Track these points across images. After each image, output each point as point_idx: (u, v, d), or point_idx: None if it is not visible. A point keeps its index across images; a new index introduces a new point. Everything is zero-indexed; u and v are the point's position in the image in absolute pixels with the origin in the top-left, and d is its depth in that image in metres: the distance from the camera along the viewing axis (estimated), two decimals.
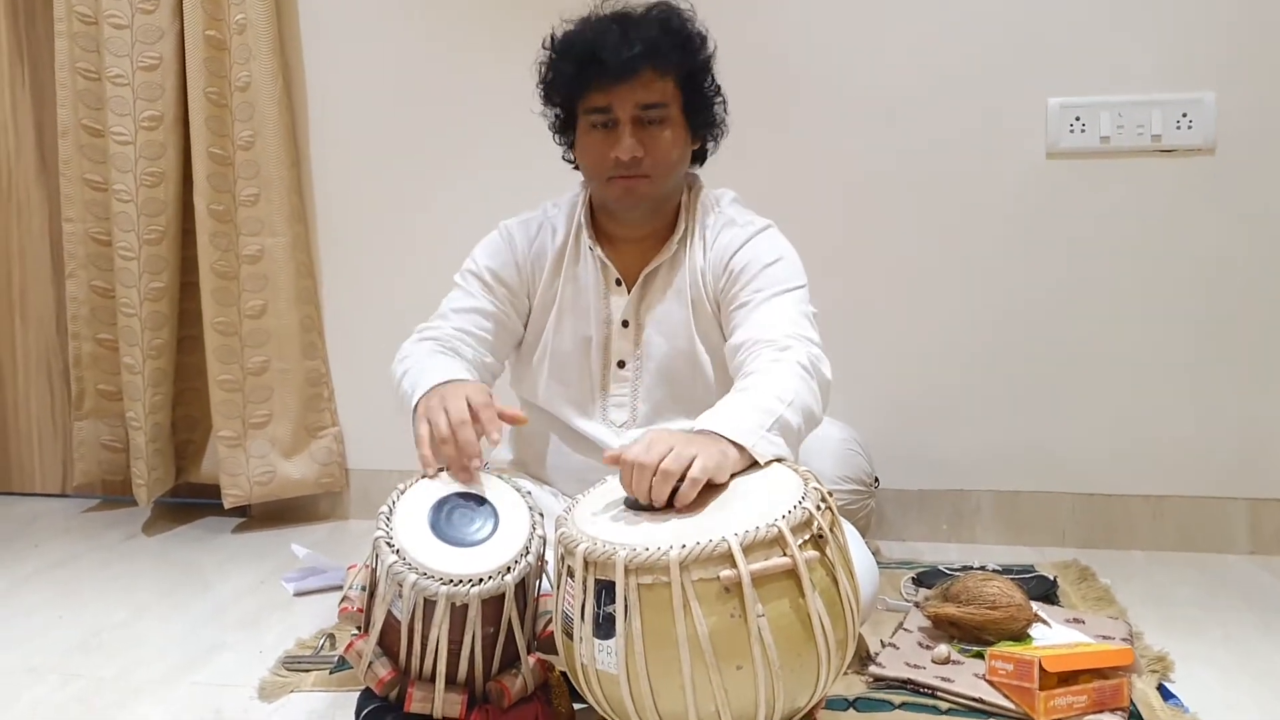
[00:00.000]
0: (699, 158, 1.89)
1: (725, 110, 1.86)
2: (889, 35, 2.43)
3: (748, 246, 1.80)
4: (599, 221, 1.88)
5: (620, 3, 1.80)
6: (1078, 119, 2.37)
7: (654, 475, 1.35)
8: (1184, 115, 2.33)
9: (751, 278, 1.76)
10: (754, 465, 1.44)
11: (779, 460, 1.47)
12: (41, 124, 2.93)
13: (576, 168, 1.91)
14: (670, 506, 1.36)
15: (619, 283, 1.85)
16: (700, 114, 1.81)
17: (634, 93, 1.71)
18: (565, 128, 1.85)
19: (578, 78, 1.73)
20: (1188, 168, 2.36)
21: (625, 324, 1.85)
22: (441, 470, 1.56)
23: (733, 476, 1.42)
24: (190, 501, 2.92)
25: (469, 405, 1.55)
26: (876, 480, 2.37)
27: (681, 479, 1.35)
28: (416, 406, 1.64)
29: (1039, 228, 2.42)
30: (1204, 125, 2.33)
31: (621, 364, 1.86)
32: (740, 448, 1.43)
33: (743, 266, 1.78)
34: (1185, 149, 2.35)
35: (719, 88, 1.84)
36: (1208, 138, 2.33)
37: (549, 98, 1.84)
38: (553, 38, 1.81)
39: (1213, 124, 2.33)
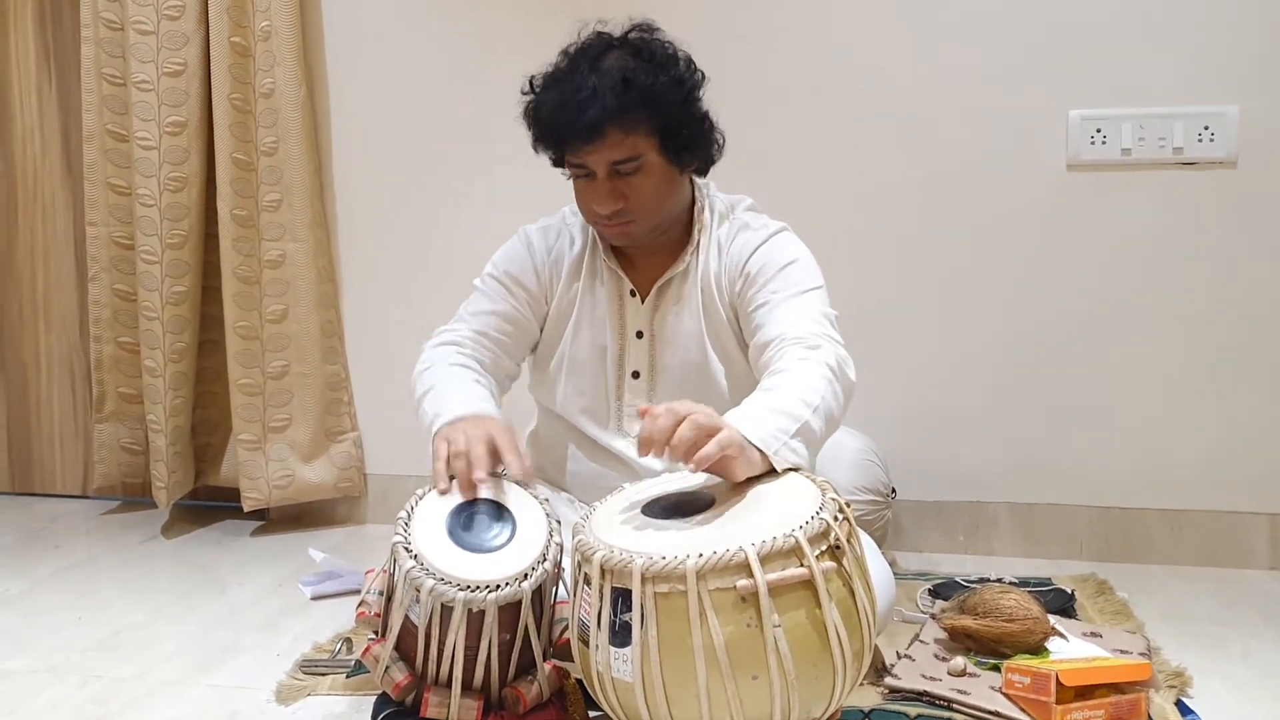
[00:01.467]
0: (702, 171, 1.87)
1: (716, 134, 1.81)
2: (911, 46, 2.43)
3: (764, 249, 1.80)
4: None
5: (584, 45, 1.76)
6: (1099, 131, 2.37)
7: (680, 422, 1.36)
8: (1206, 128, 2.32)
9: (770, 279, 1.76)
10: (771, 473, 1.44)
11: (796, 469, 1.47)
12: (67, 129, 2.95)
13: None
14: (688, 514, 1.36)
15: (633, 293, 1.86)
16: (682, 152, 1.76)
17: (603, 152, 1.69)
18: (558, 166, 1.84)
19: (552, 137, 1.74)
20: (1209, 180, 2.35)
21: (640, 334, 1.86)
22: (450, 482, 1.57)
23: (750, 482, 1.42)
24: (209, 504, 2.94)
25: (491, 444, 1.58)
26: (893, 491, 2.37)
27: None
28: (437, 431, 1.65)
29: (1059, 240, 2.41)
30: (1226, 138, 2.32)
31: (636, 374, 1.86)
32: (762, 452, 1.43)
33: (760, 268, 1.78)
34: (1207, 162, 2.34)
35: (705, 114, 1.79)
36: (1230, 151, 2.32)
37: (536, 147, 1.82)
38: (530, 88, 1.79)
39: (1235, 137, 2.32)
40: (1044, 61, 2.38)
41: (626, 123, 1.68)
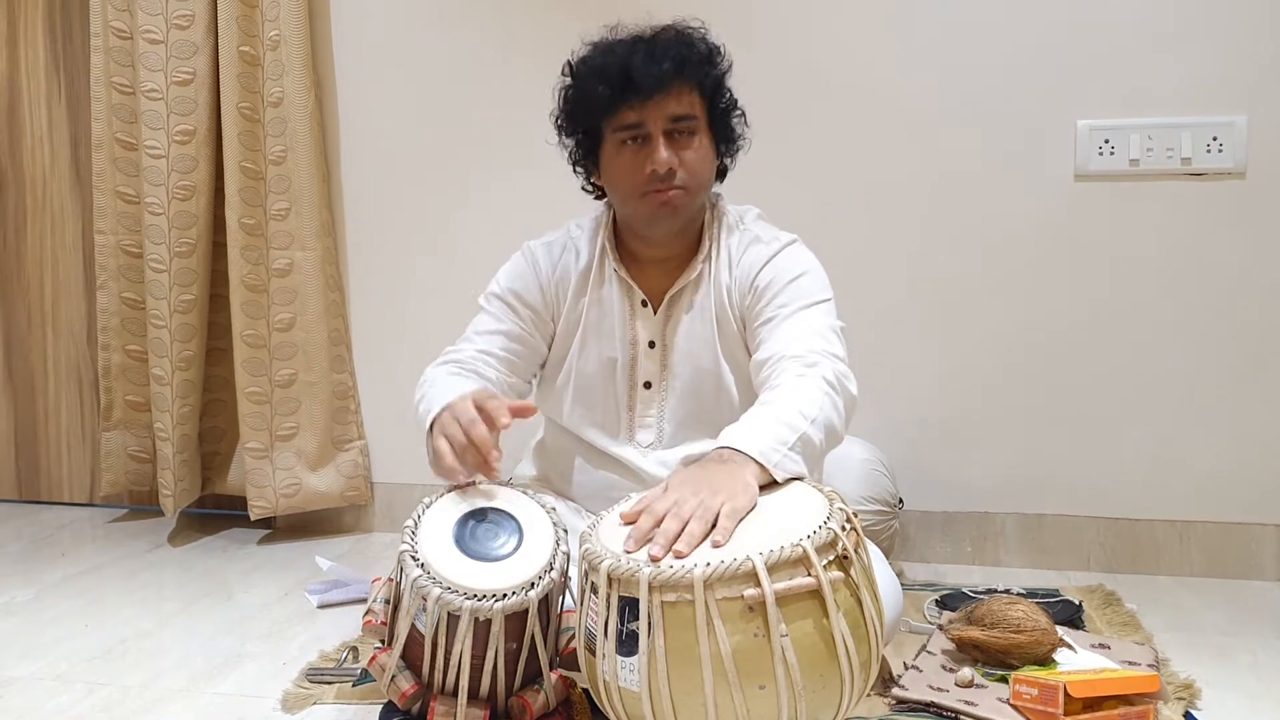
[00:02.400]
0: (719, 175, 1.89)
1: (745, 124, 1.87)
2: (919, 56, 2.43)
3: (773, 262, 1.80)
4: (623, 243, 1.88)
5: (631, 28, 1.81)
6: (1107, 141, 2.37)
7: (679, 534, 1.32)
8: (1214, 139, 2.32)
9: (777, 293, 1.76)
10: (778, 482, 1.44)
11: (800, 479, 1.47)
12: (76, 137, 2.96)
13: (598, 197, 1.91)
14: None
15: (644, 304, 1.86)
16: (724, 127, 1.83)
17: (665, 106, 1.73)
18: (588, 154, 1.84)
19: (610, 96, 1.73)
20: (1217, 191, 2.35)
21: (651, 345, 1.85)
22: (472, 483, 1.57)
23: (761, 492, 1.42)
24: (216, 512, 2.94)
25: (474, 405, 1.57)
26: (900, 501, 2.36)
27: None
28: (431, 428, 1.65)
29: (1067, 250, 2.41)
30: (1234, 149, 2.31)
31: (648, 385, 1.86)
32: (761, 466, 1.43)
33: (768, 282, 1.78)
34: (1215, 172, 2.34)
35: (737, 101, 1.85)
36: (1238, 161, 2.32)
37: (572, 123, 1.83)
38: (570, 65, 1.82)
39: (1243, 148, 2.32)
40: (1052, 71, 2.38)
41: (689, 78, 1.75)
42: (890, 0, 2.44)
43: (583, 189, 1.91)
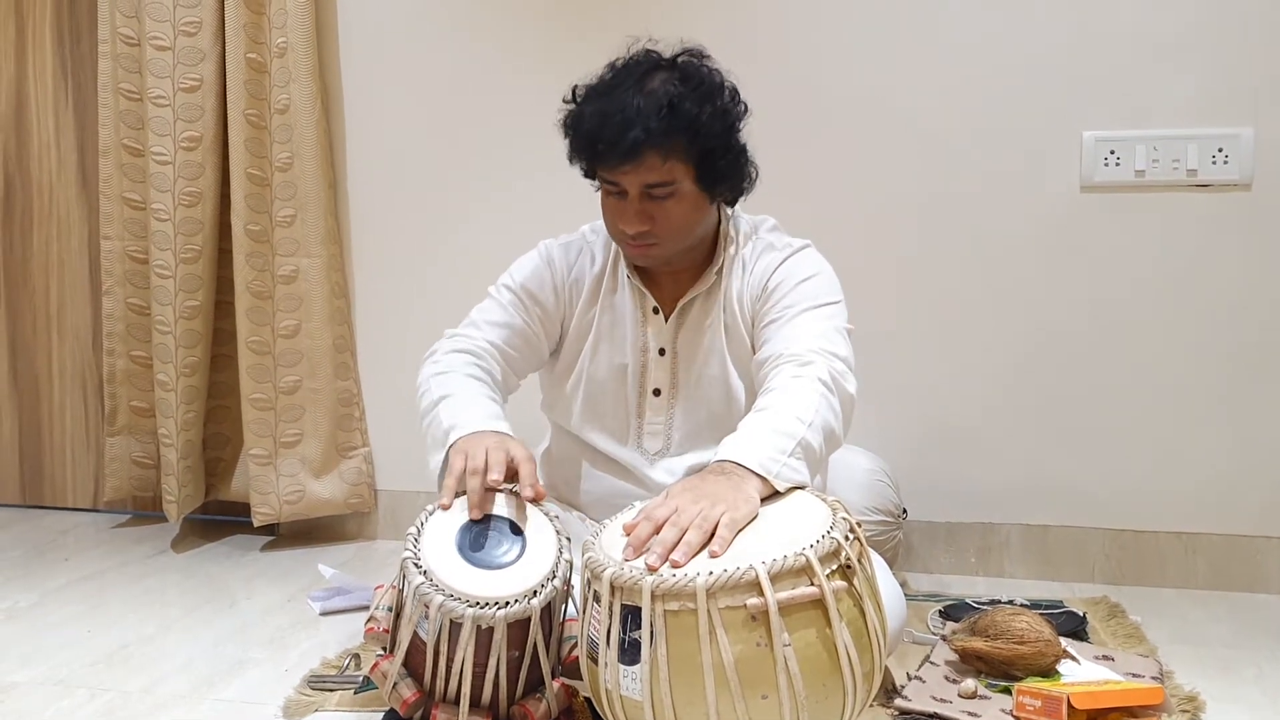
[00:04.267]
0: (731, 202, 1.85)
1: (751, 167, 1.80)
2: (925, 67, 2.43)
3: (784, 266, 1.80)
4: None
5: (628, 63, 1.75)
6: (1112, 152, 2.36)
7: (677, 543, 1.32)
8: (1220, 150, 2.32)
9: (785, 294, 1.76)
10: (781, 492, 1.44)
11: (803, 487, 1.46)
12: (83, 143, 2.97)
13: None
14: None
15: (656, 311, 1.86)
16: (717, 183, 1.74)
17: (638, 174, 1.68)
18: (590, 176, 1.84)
19: (587, 153, 1.72)
20: (1223, 203, 2.34)
21: (662, 352, 1.85)
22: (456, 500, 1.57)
23: (764, 502, 1.42)
24: (219, 519, 2.94)
25: (509, 460, 1.58)
26: (904, 511, 2.36)
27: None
28: (454, 443, 1.64)
29: (1072, 261, 2.41)
30: (1240, 161, 2.31)
31: (657, 392, 1.86)
32: (762, 477, 1.43)
33: (778, 285, 1.78)
34: (1221, 184, 2.34)
35: (743, 148, 1.77)
36: (1244, 173, 2.32)
37: (571, 158, 1.81)
38: (572, 97, 1.78)
39: (1250, 159, 2.31)
40: (1058, 83, 2.38)
41: (665, 148, 1.65)
42: (895, 14, 2.44)
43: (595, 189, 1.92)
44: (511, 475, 1.58)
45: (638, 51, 1.76)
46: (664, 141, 1.65)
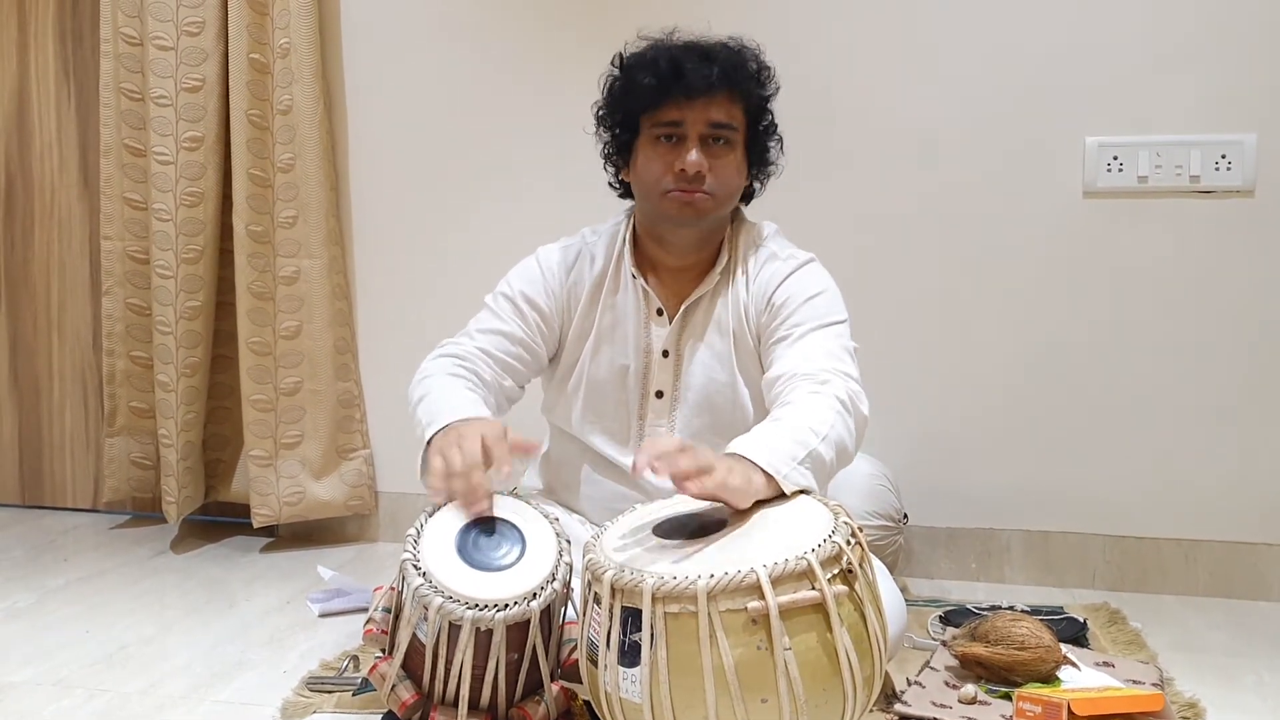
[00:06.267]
0: (746, 197, 1.90)
1: (781, 150, 1.89)
2: (928, 72, 2.43)
3: (790, 280, 1.80)
4: (642, 250, 1.88)
5: (688, 34, 1.83)
6: (1115, 158, 2.36)
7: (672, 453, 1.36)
8: (1223, 156, 2.32)
9: (792, 311, 1.76)
10: (783, 496, 1.43)
11: (807, 493, 1.46)
12: (85, 143, 2.97)
13: (622, 195, 1.92)
14: (700, 535, 1.36)
15: (660, 312, 1.85)
16: (760, 148, 1.84)
17: (708, 110, 1.74)
18: (622, 147, 1.85)
19: (655, 89, 1.75)
20: (1226, 209, 2.34)
21: (665, 354, 1.85)
22: (449, 502, 1.56)
23: (762, 505, 1.41)
24: (219, 520, 2.93)
25: (482, 443, 1.54)
26: (905, 516, 2.36)
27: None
28: (431, 440, 1.64)
29: (1075, 267, 2.41)
30: (1243, 167, 2.31)
31: (660, 394, 1.86)
32: (769, 476, 1.42)
33: (784, 300, 1.78)
34: (1224, 190, 2.34)
35: (777, 126, 1.87)
36: (1247, 179, 2.32)
37: (613, 113, 1.84)
38: (621, 57, 1.84)
39: (1252, 166, 2.31)
40: (1061, 88, 2.38)
41: (736, 89, 1.77)
42: (899, 19, 2.44)
43: (610, 184, 1.92)
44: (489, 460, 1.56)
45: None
46: (737, 82, 1.77)
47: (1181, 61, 2.33)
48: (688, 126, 1.74)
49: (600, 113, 1.87)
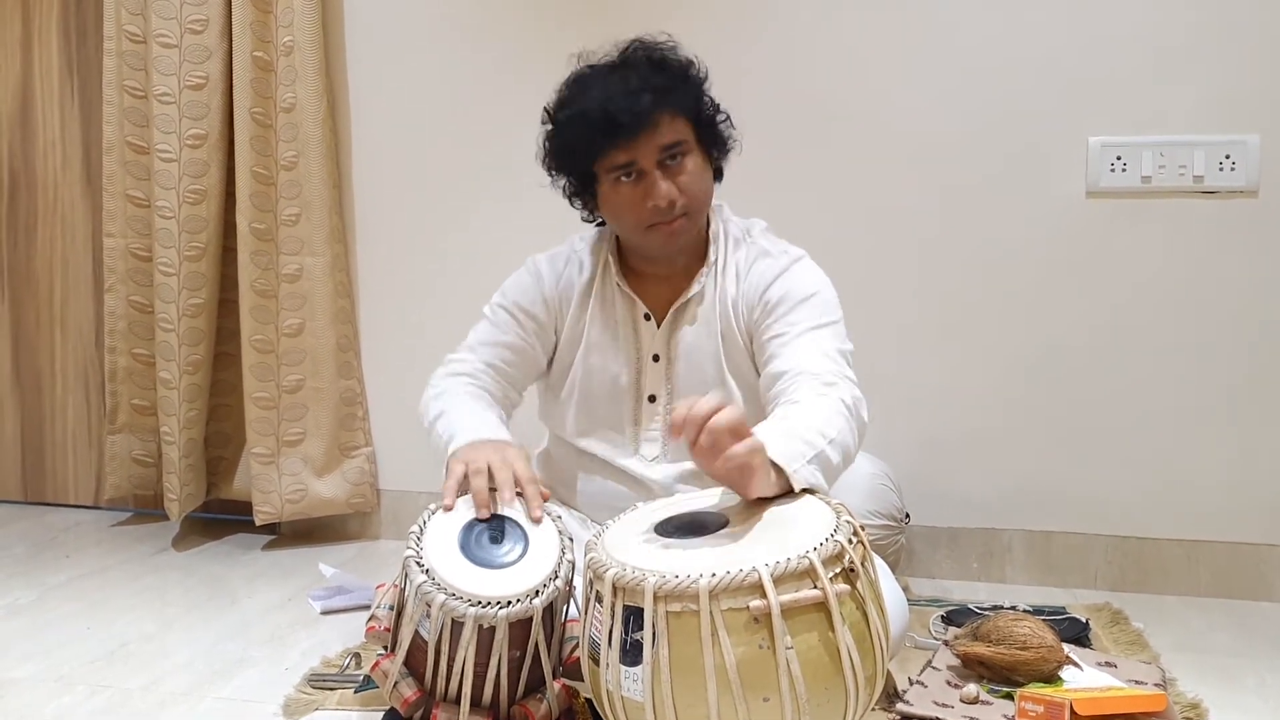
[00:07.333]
0: (719, 172, 1.89)
1: (731, 124, 1.86)
2: (930, 72, 2.43)
3: (784, 278, 1.80)
4: (627, 258, 1.89)
5: (600, 55, 1.81)
6: (1119, 158, 2.36)
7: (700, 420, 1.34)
8: (1227, 157, 2.31)
9: (789, 310, 1.76)
10: (786, 495, 1.43)
11: (811, 492, 1.46)
12: (89, 140, 2.97)
13: (600, 224, 1.92)
14: (701, 533, 1.36)
15: (648, 317, 1.85)
16: (713, 138, 1.82)
17: (654, 139, 1.72)
18: (582, 190, 1.84)
19: (595, 142, 1.73)
20: (1229, 209, 2.34)
21: (656, 358, 1.85)
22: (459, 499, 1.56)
23: (765, 503, 1.41)
24: (221, 517, 2.93)
25: (515, 477, 1.58)
26: (907, 516, 2.35)
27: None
28: (454, 452, 1.65)
29: (1078, 267, 2.41)
30: (1247, 167, 2.31)
31: (653, 398, 1.86)
32: (779, 471, 1.42)
33: (779, 298, 1.77)
34: (1227, 190, 2.33)
35: (718, 105, 1.84)
36: (1251, 180, 2.32)
37: (560, 167, 1.83)
38: (548, 111, 1.82)
39: (1256, 166, 2.31)
40: (1064, 88, 2.38)
41: (671, 105, 1.73)
42: (900, 19, 2.43)
43: (584, 220, 1.93)
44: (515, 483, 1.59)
45: (592, 57, 1.82)
46: (668, 99, 1.73)
47: (1185, 61, 2.33)
48: (641, 162, 1.72)
49: (548, 165, 1.85)
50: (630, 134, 1.70)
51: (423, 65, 2.69)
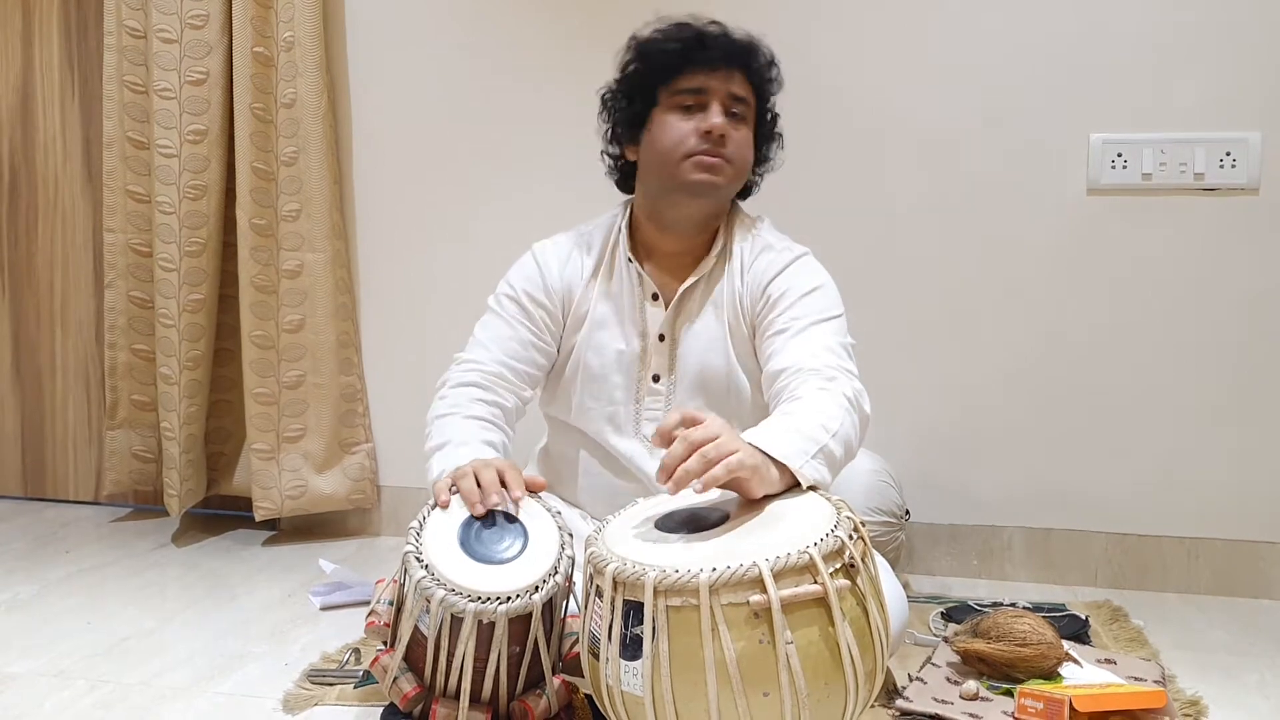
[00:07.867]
0: (744, 193, 1.93)
1: (780, 146, 1.93)
2: (931, 68, 2.43)
3: (786, 273, 1.80)
4: (639, 236, 1.89)
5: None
6: (1120, 155, 2.36)
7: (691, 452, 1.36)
8: (1228, 154, 2.31)
9: (790, 304, 1.76)
10: (789, 490, 1.43)
11: (812, 488, 1.46)
12: (89, 136, 2.97)
13: (620, 182, 1.92)
14: (702, 529, 1.36)
15: (655, 297, 1.86)
16: (765, 135, 1.88)
17: (729, 82, 1.78)
18: (635, 121, 1.84)
19: (679, 55, 1.78)
20: (1230, 207, 2.34)
21: (661, 338, 1.86)
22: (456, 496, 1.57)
23: (766, 500, 1.41)
24: (221, 513, 2.94)
25: (499, 475, 1.58)
26: (907, 513, 2.35)
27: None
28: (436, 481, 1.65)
29: (1078, 264, 2.40)
30: (1248, 165, 2.31)
31: (656, 378, 1.86)
32: (783, 468, 1.42)
33: (781, 293, 1.78)
34: (1228, 188, 2.33)
35: (778, 116, 1.92)
36: (1251, 177, 2.31)
37: (629, 87, 1.85)
38: (636, 37, 1.86)
39: (1257, 164, 2.31)
40: (1065, 85, 2.37)
41: (754, 71, 1.83)
42: (901, 16, 2.43)
43: (608, 172, 1.93)
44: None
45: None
46: (754, 66, 1.83)
47: (1187, 58, 2.32)
48: (711, 94, 1.77)
49: (611, 91, 1.88)
50: (713, 63, 1.77)
51: (423, 61, 2.69)
